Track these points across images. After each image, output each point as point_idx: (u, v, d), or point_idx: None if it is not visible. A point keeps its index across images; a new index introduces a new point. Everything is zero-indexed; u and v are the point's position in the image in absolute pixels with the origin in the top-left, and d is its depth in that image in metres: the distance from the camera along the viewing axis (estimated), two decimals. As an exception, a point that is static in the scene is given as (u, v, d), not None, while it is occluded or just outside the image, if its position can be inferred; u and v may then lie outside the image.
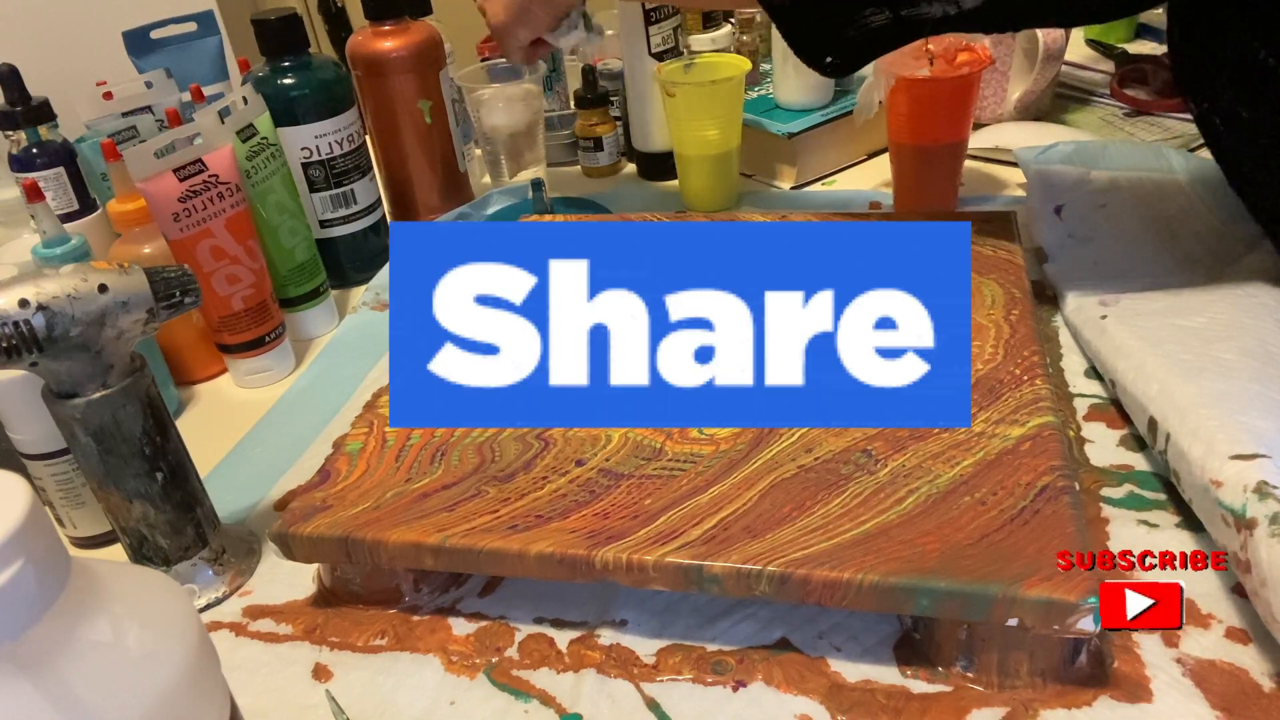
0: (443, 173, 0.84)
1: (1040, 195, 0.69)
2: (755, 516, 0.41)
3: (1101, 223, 0.66)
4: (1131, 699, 0.37)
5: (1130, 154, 0.72)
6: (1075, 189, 0.69)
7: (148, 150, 0.57)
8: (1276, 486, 0.39)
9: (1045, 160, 0.71)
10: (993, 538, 0.38)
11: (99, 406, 0.43)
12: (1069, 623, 0.35)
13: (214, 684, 0.27)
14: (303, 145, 0.71)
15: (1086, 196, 0.68)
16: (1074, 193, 0.69)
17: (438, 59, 0.79)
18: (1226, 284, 0.56)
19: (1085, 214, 0.66)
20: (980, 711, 0.38)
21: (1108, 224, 0.66)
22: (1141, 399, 0.49)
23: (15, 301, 0.40)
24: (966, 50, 0.70)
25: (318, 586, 0.48)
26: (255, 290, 0.64)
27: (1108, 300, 0.57)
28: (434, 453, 0.47)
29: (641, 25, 0.82)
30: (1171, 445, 0.45)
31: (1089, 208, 0.66)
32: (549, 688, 0.41)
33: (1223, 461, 0.42)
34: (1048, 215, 0.67)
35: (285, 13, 0.70)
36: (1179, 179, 0.68)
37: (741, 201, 0.83)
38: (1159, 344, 0.50)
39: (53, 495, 0.52)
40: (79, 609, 0.23)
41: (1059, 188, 0.69)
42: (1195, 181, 0.67)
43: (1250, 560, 0.38)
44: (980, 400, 0.46)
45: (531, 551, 0.41)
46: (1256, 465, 0.40)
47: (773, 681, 0.40)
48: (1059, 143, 0.72)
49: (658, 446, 0.46)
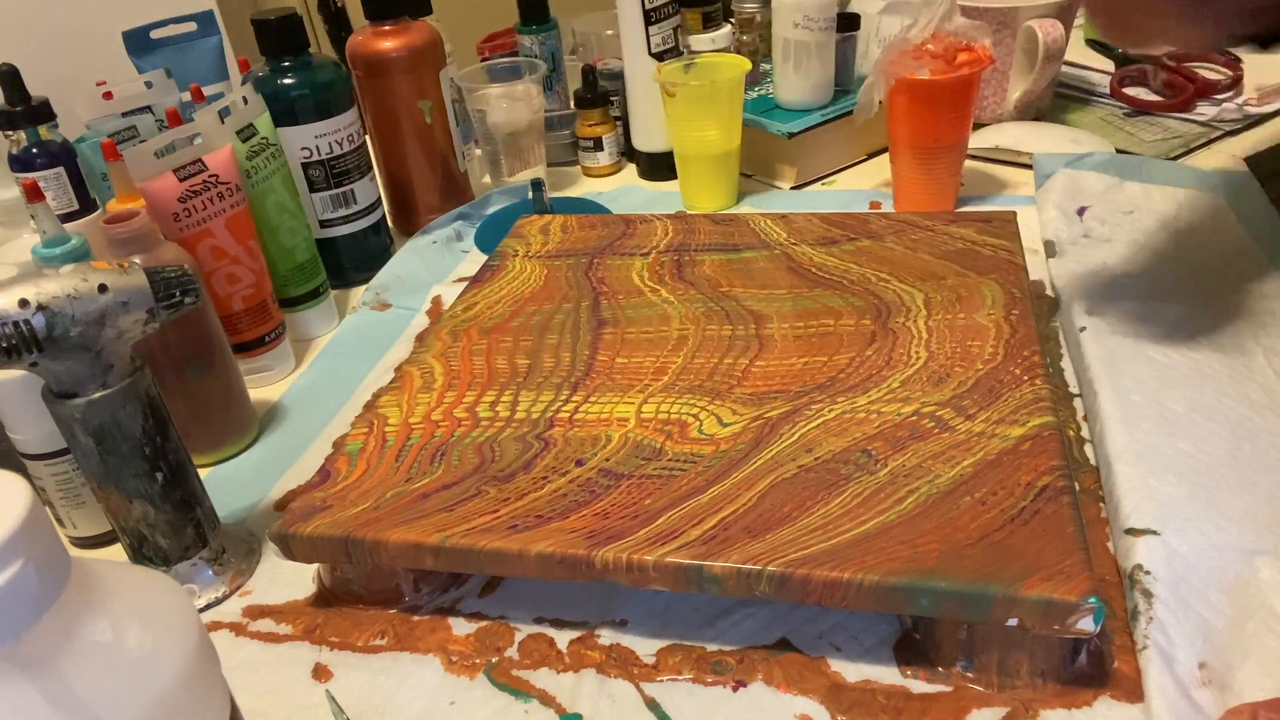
0: (443, 173, 0.84)
1: (1065, 194, 0.70)
2: (755, 516, 0.41)
3: (1124, 226, 0.66)
4: (1131, 699, 0.37)
5: (1169, 172, 0.72)
6: (1105, 194, 0.69)
7: (148, 150, 0.57)
8: (1149, 573, 0.40)
9: (1079, 166, 0.72)
10: (993, 538, 0.38)
11: (99, 406, 0.43)
12: (1069, 623, 0.35)
13: (214, 684, 0.27)
14: (303, 145, 0.71)
15: (1115, 202, 0.69)
16: (1103, 197, 0.69)
17: (438, 59, 0.79)
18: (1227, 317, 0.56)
19: (1109, 216, 0.67)
20: (980, 711, 0.38)
21: (1130, 228, 0.66)
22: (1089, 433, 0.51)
23: (15, 301, 0.40)
24: (966, 50, 0.70)
25: (318, 586, 0.48)
26: (255, 290, 0.64)
27: (1095, 309, 0.57)
28: (434, 453, 0.47)
29: (641, 25, 0.82)
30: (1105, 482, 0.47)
31: (1115, 211, 0.66)
32: (549, 688, 0.41)
33: (1119, 534, 0.43)
34: (1069, 213, 0.68)
35: (285, 13, 0.70)
36: (1221, 201, 0.68)
37: (741, 201, 0.83)
38: (1116, 375, 0.51)
39: (53, 495, 0.52)
40: (79, 609, 0.23)
41: (1088, 191, 0.70)
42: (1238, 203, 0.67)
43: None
44: (980, 400, 0.46)
45: (531, 551, 0.41)
46: (1142, 543, 0.41)
47: (773, 681, 0.40)
48: (1094, 152, 0.73)
49: (658, 446, 0.46)
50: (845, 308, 0.55)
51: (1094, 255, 0.64)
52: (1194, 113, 0.86)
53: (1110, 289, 0.60)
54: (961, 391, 0.47)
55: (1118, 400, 0.50)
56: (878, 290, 0.56)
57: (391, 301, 0.74)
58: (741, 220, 0.66)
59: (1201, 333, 0.54)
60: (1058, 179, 0.71)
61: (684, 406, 0.48)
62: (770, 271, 0.60)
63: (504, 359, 0.54)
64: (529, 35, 0.95)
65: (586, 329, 0.56)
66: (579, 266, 0.63)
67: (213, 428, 0.59)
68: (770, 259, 0.61)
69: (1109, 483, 0.46)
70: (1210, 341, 0.53)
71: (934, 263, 0.58)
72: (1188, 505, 0.43)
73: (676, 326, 0.55)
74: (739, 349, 0.52)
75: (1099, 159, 0.73)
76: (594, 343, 0.55)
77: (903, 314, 0.53)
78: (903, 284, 0.56)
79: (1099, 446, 0.48)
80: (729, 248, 0.63)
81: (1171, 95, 0.88)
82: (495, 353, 0.55)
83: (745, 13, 0.93)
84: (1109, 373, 0.52)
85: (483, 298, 0.61)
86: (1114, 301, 0.58)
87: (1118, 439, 0.47)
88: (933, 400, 0.46)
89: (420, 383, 0.53)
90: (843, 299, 0.56)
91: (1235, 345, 0.53)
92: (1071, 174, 0.71)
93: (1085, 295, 0.59)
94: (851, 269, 0.58)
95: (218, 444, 0.59)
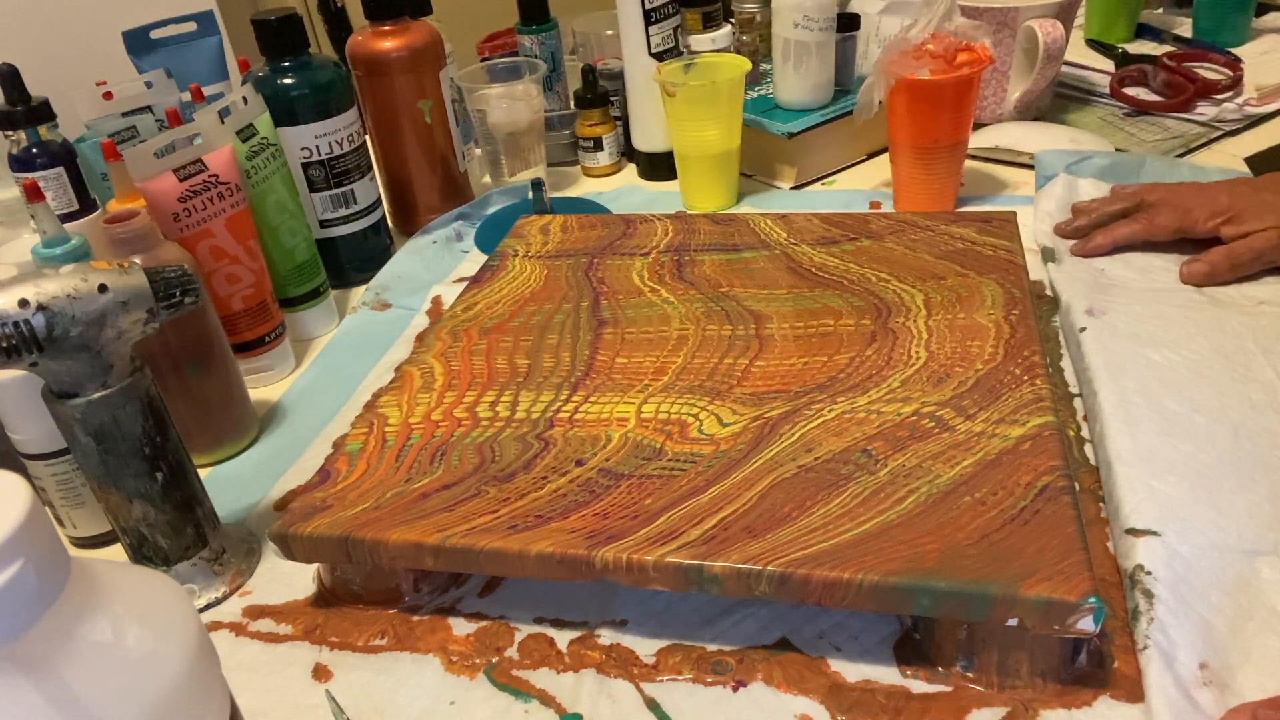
0: (443, 173, 0.84)
1: (1066, 197, 0.70)
2: (755, 516, 0.41)
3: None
4: (1131, 699, 0.37)
5: (1168, 172, 0.73)
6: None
7: (148, 150, 0.57)
8: (1150, 573, 0.40)
9: (1076, 171, 0.72)
10: (993, 538, 0.38)
11: (99, 406, 0.43)
12: (1069, 623, 0.35)
13: (214, 684, 0.27)
14: (303, 145, 0.71)
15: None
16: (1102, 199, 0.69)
17: (438, 59, 0.79)
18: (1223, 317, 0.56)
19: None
20: (980, 711, 0.38)
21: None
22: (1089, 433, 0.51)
23: (15, 301, 0.40)
24: (966, 50, 0.70)
25: (318, 586, 0.48)
26: (255, 290, 0.64)
27: (1095, 310, 0.57)
28: (434, 453, 0.47)
29: (641, 25, 0.82)
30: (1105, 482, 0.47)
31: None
32: (549, 688, 0.41)
33: (1120, 534, 0.43)
34: (1068, 216, 0.68)
35: (285, 13, 0.70)
36: None
37: (741, 201, 0.83)
38: (1118, 376, 0.51)
39: (53, 495, 0.52)
40: (79, 609, 0.23)
41: (1087, 194, 0.70)
42: None
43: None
44: (980, 400, 0.46)
45: (531, 551, 0.41)
46: (1142, 544, 0.41)
47: (773, 681, 0.40)
48: (1095, 153, 0.73)
49: (658, 446, 0.46)
50: (845, 308, 0.55)
51: (1093, 259, 0.64)
52: (1194, 113, 0.86)
53: (1110, 290, 0.60)
54: (961, 391, 0.47)
55: (1118, 401, 0.50)
56: (878, 290, 0.56)
57: (391, 301, 0.74)
58: (741, 220, 0.66)
59: (1201, 334, 0.54)
60: (1057, 185, 0.71)
61: (684, 406, 0.48)
62: (770, 271, 0.60)
63: (504, 359, 0.54)
64: (529, 35, 0.95)
65: (586, 329, 0.56)
66: (579, 266, 0.63)
67: (213, 428, 0.59)
68: (770, 259, 0.61)
69: (1109, 483, 0.46)
70: (1210, 343, 0.53)
71: (934, 263, 0.58)
72: (1188, 506, 0.43)
73: (676, 326, 0.55)
74: (739, 349, 0.52)
75: (1099, 162, 0.73)
76: (594, 343, 0.55)
77: (903, 314, 0.53)
78: (903, 284, 0.56)
79: (1099, 447, 0.48)
80: (729, 248, 0.63)
81: (1171, 95, 0.88)
82: (495, 353, 0.55)
83: (745, 13, 0.93)
84: (1109, 373, 0.52)
85: (483, 298, 0.61)
86: (1114, 302, 0.58)
87: (1118, 439, 0.47)
88: (933, 400, 0.46)
89: (420, 383, 0.53)
90: (843, 299, 0.56)
91: (1235, 346, 0.53)
92: (1069, 180, 0.72)
93: (1085, 295, 0.59)
94: (851, 269, 0.58)
95: (218, 444, 0.59)
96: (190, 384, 0.56)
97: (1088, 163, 0.73)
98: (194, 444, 0.56)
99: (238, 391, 0.60)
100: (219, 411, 0.58)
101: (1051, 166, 0.74)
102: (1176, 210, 0.63)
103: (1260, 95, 0.86)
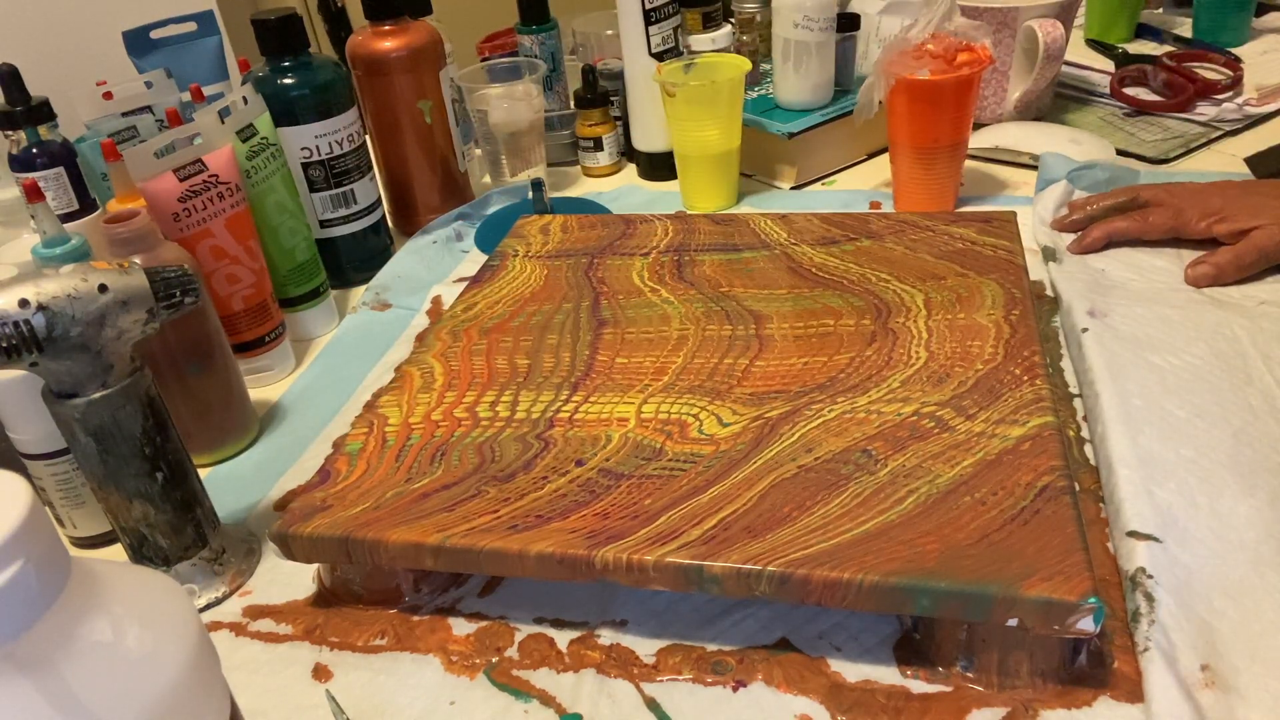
0: (443, 173, 0.84)
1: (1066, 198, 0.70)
2: (755, 516, 0.41)
3: None
4: (1131, 699, 0.37)
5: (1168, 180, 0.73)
6: None
7: (148, 150, 0.57)
8: (1151, 576, 0.40)
9: (1078, 178, 0.72)
10: (993, 538, 0.38)
11: (99, 406, 0.43)
12: (1069, 623, 0.35)
13: (214, 684, 0.27)
14: (303, 145, 0.71)
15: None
16: None
17: (438, 59, 0.79)
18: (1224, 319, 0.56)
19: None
20: (980, 711, 0.38)
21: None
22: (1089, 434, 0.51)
23: (15, 301, 0.40)
24: (966, 50, 0.70)
25: (318, 586, 0.48)
26: (255, 290, 0.64)
27: (1096, 311, 0.57)
28: (434, 453, 0.47)
29: (641, 25, 0.82)
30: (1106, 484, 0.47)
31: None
32: (549, 688, 0.41)
33: (1121, 536, 0.43)
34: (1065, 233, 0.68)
35: (285, 13, 0.70)
36: None
37: (741, 201, 0.83)
38: (1118, 379, 0.51)
39: (53, 495, 0.52)
40: (79, 609, 0.23)
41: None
42: None
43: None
44: (980, 400, 0.46)
45: (531, 551, 0.41)
46: (1144, 547, 0.42)
47: (773, 681, 0.40)
48: (1098, 163, 0.73)
49: (658, 446, 0.46)
50: (845, 308, 0.55)
51: (1093, 261, 0.64)
52: (1194, 113, 0.86)
53: (1111, 291, 0.60)
54: (961, 391, 0.47)
55: (1120, 404, 0.50)
56: (878, 290, 0.56)
57: (391, 301, 0.74)
58: (741, 220, 0.66)
59: (1202, 338, 0.54)
60: (1056, 191, 0.71)
61: (684, 406, 0.48)
62: (770, 271, 0.60)
63: (504, 359, 0.54)
64: (529, 35, 0.95)
65: (586, 329, 0.56)
66: (579, 266, 0.63)
67: (213, 428, 0.59)
68: (770, 259, 0.61)
69: (1111, 486, 0.46)
70: (1210, 347, 0.53)
71: (934, 263, 0.58)
72: (1190, 510, 0.43)
73: (676, 326, 0.55)
74: (739, 349, 0.52)
75: (1099, 175, 0.73)
76: (594, 343, 0.55)
77: (903, 314, 0.53)
78: (903, 284, 0.56)
79: (1100, 448, 0.48)
80: (729, 248, 0.63)
81: (1171, 95, 0.88)
82: (495, 353, 0.55)
83: (745, 13, 0.93)
84: (1111, 375, 0.52)
85: (483, 298, 0.61)
86: (1115, 303, 0.58)
87: (1120, 443, 0.47)
88: (933, 400, 0.46)
89: (420, 383, 0.53)
90: (843, 299, 0.56)
91: (1235, 350, 0.53)
92: (1068, 188, 0.72)
93: (1087, 296, 0.59)
94: (851, 269, 0.58)
95: (218, 444, 0.59)
96: (190, 384, 0.56)
97: (1088, 173, 0.73)
98: (194, 444, 0.56)
99: (238, 391, 0.60)
100: (219, 411, 0.58)
101: (1055, 170, 0.74)
102: (1170, 210, 0.63)
103: (1260, 95, 0.86)
